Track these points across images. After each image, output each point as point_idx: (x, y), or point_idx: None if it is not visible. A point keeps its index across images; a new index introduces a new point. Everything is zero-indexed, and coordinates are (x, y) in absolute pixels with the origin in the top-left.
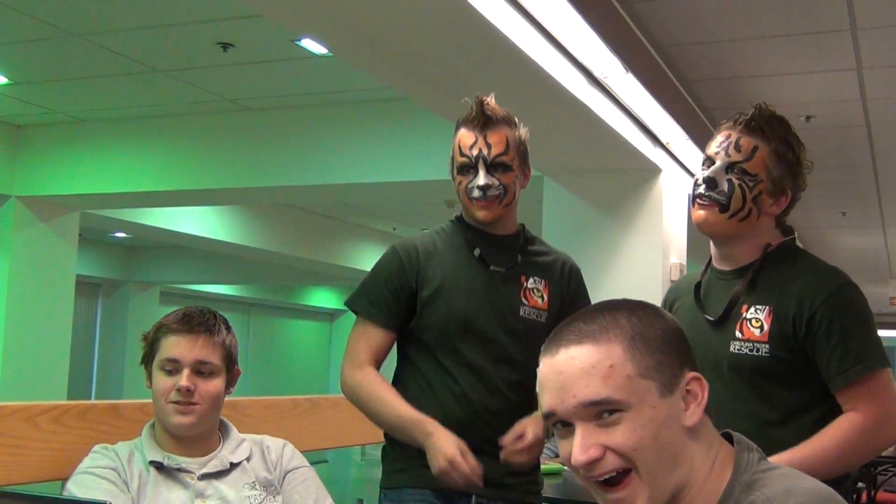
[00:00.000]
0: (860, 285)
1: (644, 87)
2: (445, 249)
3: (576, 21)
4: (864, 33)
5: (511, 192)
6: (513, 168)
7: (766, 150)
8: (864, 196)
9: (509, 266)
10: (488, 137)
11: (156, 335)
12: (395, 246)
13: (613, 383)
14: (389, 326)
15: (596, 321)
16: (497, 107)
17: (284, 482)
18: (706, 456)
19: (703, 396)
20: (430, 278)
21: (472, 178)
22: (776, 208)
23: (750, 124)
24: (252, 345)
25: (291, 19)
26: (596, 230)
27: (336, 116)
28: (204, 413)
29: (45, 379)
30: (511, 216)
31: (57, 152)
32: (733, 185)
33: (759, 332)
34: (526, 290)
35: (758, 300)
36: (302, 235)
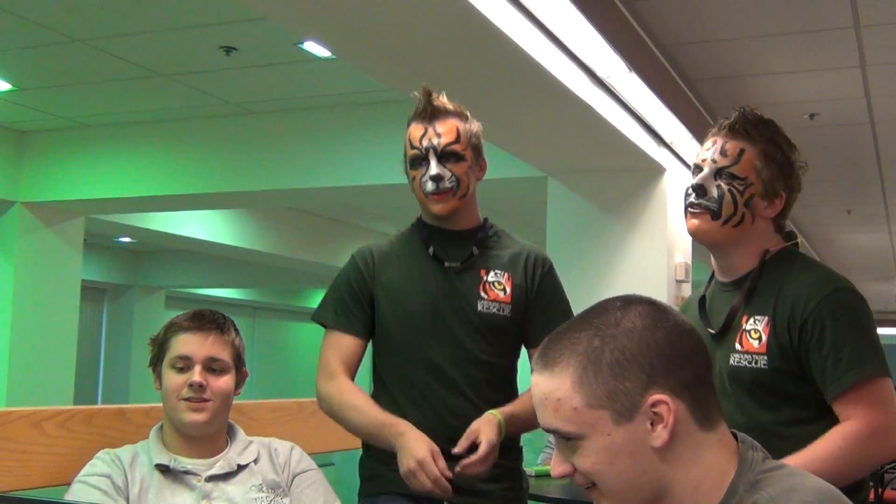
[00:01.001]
0: (866, 283)
1: (647, 86)
2: (401, 251)
3: (579, 21)
4: (868, 30)
5: (465, 184)
6: (465, 158)
7: (754, 152)
8: (869, 194)
9: (465, 259)
10: (437, 127)
11: (166, 335)
12: (353, 254)
13: (562, 416)
14: (357, 332)
15: (556, 345)
16: (447, 101)
17: (293, 485)
18: (690, 470)
19: (669, 420)
20: (385, 281)
21: (425, 171)
22: (771, 211)
23: (734, 127)
24: (258, 348)
25: (294, 22)
26: (600, 230)
27: (340, 119)
28: (216, 410)
29: (51, 384)
30: (469, 209)
31: (61, 157)
32: (722, 190)
33: (758, 343)
34: (486, 284)
35: (756, 310)
36: (306, 238)
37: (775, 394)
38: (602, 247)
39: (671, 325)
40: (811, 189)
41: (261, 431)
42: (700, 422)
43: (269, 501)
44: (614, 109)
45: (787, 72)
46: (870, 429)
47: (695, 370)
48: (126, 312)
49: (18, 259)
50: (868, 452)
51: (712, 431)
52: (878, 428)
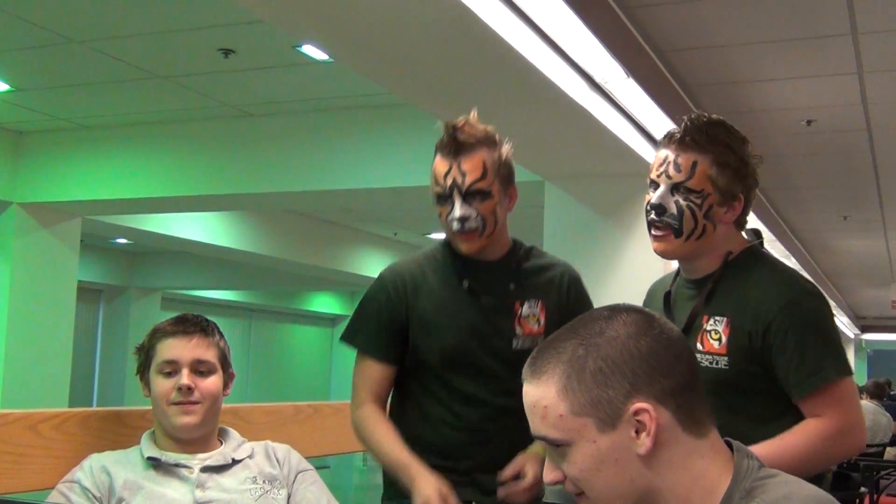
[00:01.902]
0: (862, 289)
1: (645, 91)
2: (434, 279)
3: (576, 26)
4: (865, 37)
5: (491, 222)
6: (492, 194)
7: (706, 162)
8: (866, 200)
9: (501, 296)
10: (462, 164)
11: (151, 341)
12: (383, 276)
13: (549, 423)
14: (388, 360)
15: (543, 356)
16: (472, 127)
17: (297, 480)
18: (681, 477)
19: (652, 427)
20: (420, 312)
21: (450, 210)
22: (731, 215)
23: (684, 140)
24: (253, 350)
25: (292, 25)
26: (597, 234)
27: (337, 122)
28: (206, 411)
29: (47, 386)
30: (499, 241)
31: (58, 159)
32: (681, 207)
33: (718, 344)
34: (520, 318)
35: (716, 311)
36: (303, 241)
37: (738, 393)
38: (599, 251)
39: (656, 334)
40: (808, 195)
41: (257, 435)
42: (688, 429)
43: (265, 492)
44: (612, 115)
45: (785, 78)
46: (837, 427)
47: (679, 378)
48: (122, 314)
49: (15, 260)
50: (834, 448)
51: (703, 438)
52: (844, 426)
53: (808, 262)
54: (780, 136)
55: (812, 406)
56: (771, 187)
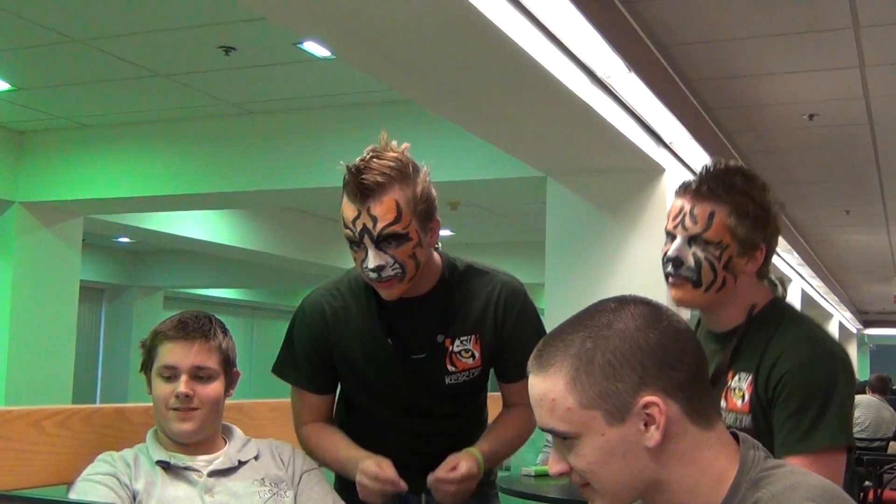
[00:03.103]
0: (864, 284)
1: (647, 86)
2: (357, 316)
3: (578, 21)
4: (867, 31)
5: (411, 266)
6: (409, 236)
7: (724, 212)
8: (868, 194)
9: (430, 351)
10: (372, 209)
11: (153, 342)
12: (304, 308)
13: (557, 416)
14: (322, 391)
15: (549, 347)
16: (379, 162)
17: (302, 481)
18: (688, 469)
19: (661, 421)
20: (344, 351)
21: (364, 257)
22: (752, 266)
23: (700, 190)
24: (256, 348)
25: (294, 22)
26: (599, 231)
27: (339, 119)
28: (204, 418)
29: (50, 383)
30: (425, 276)
31: (60, 158)
32: (699, 259)
33: (741, 402)
34: (452, 355)
35: (741, 368)
36: (305, 238)
37: None
38: (601, 247)
39: (664, 326)
40: (810, 189)
41: (261, 431)
42: (696, 421)
43: (273, 494)
44: (614, 110)
45: (787, 72)
46: None
47: (688, 370)
48: (124, 312)
49: (17, 259)
50: None
51: (711, 430)
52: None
53: (811, 257)
54: (782, 130)
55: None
56: (772, 182)
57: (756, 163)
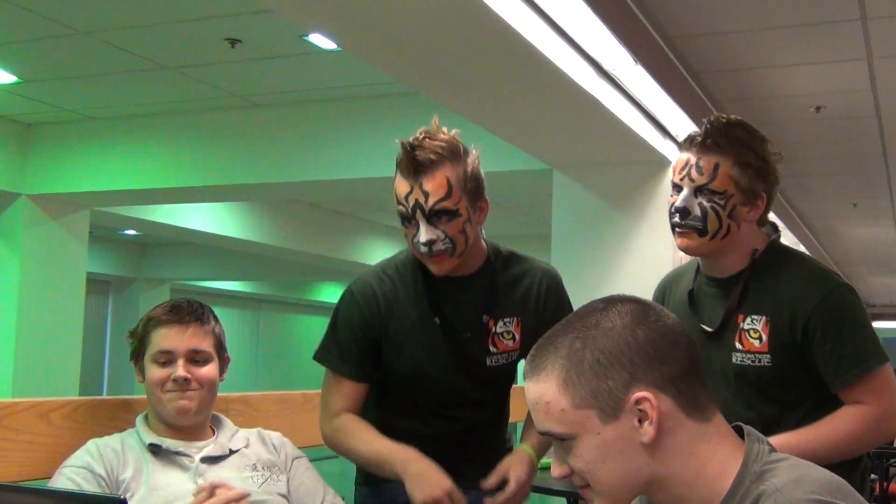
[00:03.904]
0: (871, 276)
1: (653, 78)
2: (406, 301)
3: (584, 13)
4: (874, 23)
5: (461, 242)
6: (459, 213)
7: (728, 164)
8: (875, 187)
9: (474, 325)
10: (424, 185)
11: (145, 329)
12: (353, 292)
13: (552, 418)
14: (361, 379)
15: (541, 353)
16: (432, 142)
17: (293, 466)
18: (687, 462)
19: (653, 416)
20: (392, 335)
21: (416, 232)
22: (754, 214)
23: (705, 143)
24: (262, 340)
25: (299, 14)
26: (606, 222)
27: (345, 111)
28: (203, 398)
29: (57, 375)
30: (472, 256)
31: (66, 150)
32: (705, 208)
33: (759, 342)
34: (495, 336)
35: (753, 310)
36: (311, 231)
37: (780, 386)
38: (608, 239)
39: (652, 322)
40: (817, 182)
41: (266, 423)
42: (692, 415)
43: (265, 479)
44: (620, 102)
45: (793, 64)
46: (878, 412)
47: (678, 364)
48: (131, 305)
49: (24, 251)
50: (874, 433)
51: (708, 423)
52: (885, 412)
53: (817, 250)
54: (789, 122)
55: (854, 394)
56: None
57: None
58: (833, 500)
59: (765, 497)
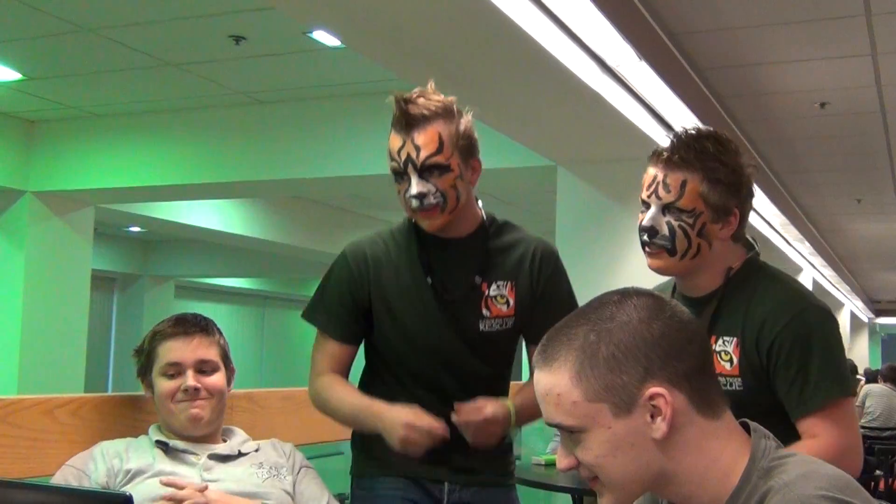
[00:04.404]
0: (875, 272)
1: (657, 75)
2: (398, 260)
3: (589, 10)
4: (879, 18)
5: (452, 197)
6: (451, 168)
7: (696, 180)
8: (880, 183)
9: (466, 285)
10: (416, 139)
11: (151, 344)
12: (345, 252)
13: (563, 410)
14: (347, 340)
15: (554, 342)
16: (426, 99)
17: (301, 474)
18: (697, 459)
19: (667, 412)
20: (382, 294)
21: (407, 186)
22: (727, 231)
23: (672, 159)
24: (267, 337)
25: (303, 11)
26: (609, 219)
27: (349, 108)
28: (213, 407)
29: (63, 372)
30: (464, 216)
31: (71, 147)
32: (673, 228)
33: (730, 365)
34: (488, 299)
35: (724, 331)
36: (315, 228)
37: (749, 411)
38: (611, 236)
39: (668, 317)
40: (821, 178)
41: (272, 419)
42: (703, 411)
43: (271, 475)
44: (624, 98)
45: (798, 60)
46: (837, 447)
47: (693, 360)
48: (136, 302)
49: (29, 248)
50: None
51: (718, 420)
52: (843, 447)
53: (822, 246)
54: (794, 118)
55: (810, 426)
56: (784, 171)
57: (767, 151)
58: (842, 496)
59: (773, 493)
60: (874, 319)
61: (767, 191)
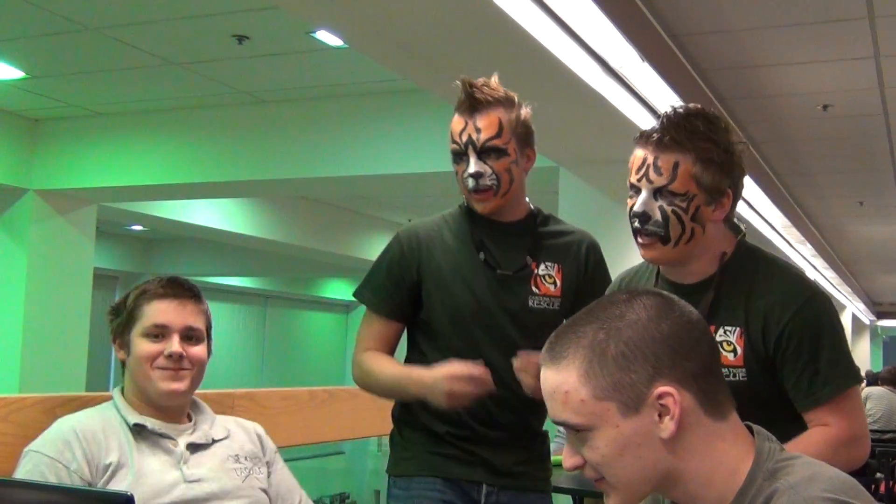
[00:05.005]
0: (878, 275)
1: (660, 76)
2: (450, 240)
3: (591, 10)
4: (882, 21)
5: (506, 180)
6: (508, 152)
7: (689, 161)
8: (882, 185)
9: (517, 269)
10: (478, 122)
11: (136, 302)
12: (398, 233)
13: (570, 408)
14: (394, 317)
15: (562, 340)
16: (491, 88)
17: (273, 462)
18: (703, 460)
19: (676, 411)
20: (433, 270)
21: (465, 167)
22: (720, 212)
23: (663, 140)
24: (269, 336)
25: (307, 11)
26: (612, 220)
27: (351, 108)
28: (194, 379)
29: (64, 371)
30: (516, 202)
31: (74, 146)
32: (666, 212)
33: (733, 356)
34: (537, 278)
35: (726, 320)
36: (318, 227)
37: (753, 402)
38: (613, 237)
39: (676, 317)
40: (824, 180)
41: (272, 419)
42: (710, 412)
43: (249, 472)
44: (626, 99)
45: (801, 62)
46: (847, 436)
47: (701, 360)
48: None
49: (31, 246)
50: (841, 458)
51: (724, 421)
52: (853, 435)
53: (824, 248)
54: (796, 121)
55: (821, 415)
56: (786, 173)
57: (769, 153)
58: (847, 498)
59: (778, 495)
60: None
61: (769, 192)
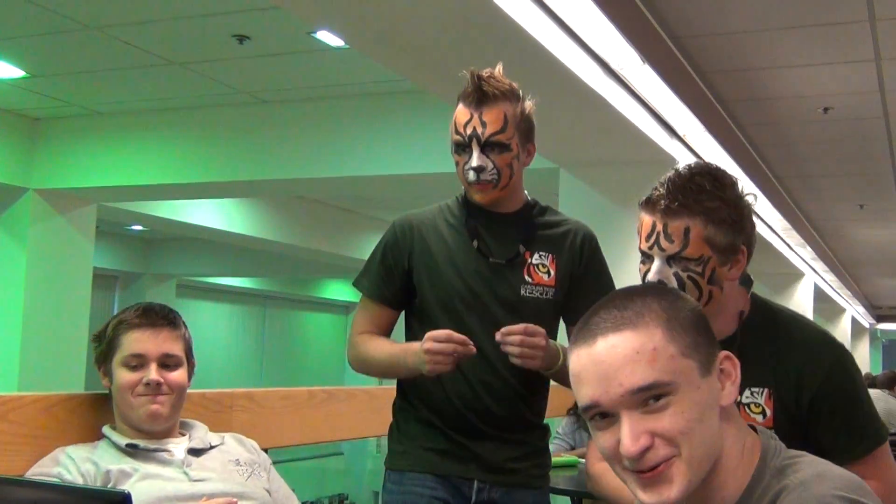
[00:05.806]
0: (878, 278)
1: (661, 78)
2: (445, 228)
3: (592, 12)
4: (883, 24)
5: (507, 175)
6: (510, 147)
7: (699, 224)
8: (883, 188)
9: (510, 258)
10: (484, 115)
11: (115, 332)
12: (394, 221)
13: (660, 366)
14: (388, 303)
15: (628, 307)
16: (498, 81)
17: (270, 473)
18: (737, 439)
19: (736, 375)
20: (425, 257)
21: (468, 159)
22: (736, 270)
23: (670, 207)
24: (268, 337)
25: (307, 11)
26: (612, 222)
27: (352, 109)
28: (173, 403)
29: (63, 370)
30: (513, 194)
31: (74, 145)
32: (682, 279)
33: (762, 417)
34: (530, 267)
35: (753, 382)
36: (318, 228)
37: None
38: (614, 239)
39: (696, 306)
40: (824, 183)
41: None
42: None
43: (250, 474)
44: (627, 101)
45: (802, 65)
46: (886, 488)
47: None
48: (137, 300)
49: (31, 246)
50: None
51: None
52: (889, 488)
53: (824, 251)
54: (797, 123)
55: (859, 467)
56: (787, 175)
57: (770, 156)
58: (857, 497)
59: (787, 491)
60: (875, 325)
61: (770, 195)
